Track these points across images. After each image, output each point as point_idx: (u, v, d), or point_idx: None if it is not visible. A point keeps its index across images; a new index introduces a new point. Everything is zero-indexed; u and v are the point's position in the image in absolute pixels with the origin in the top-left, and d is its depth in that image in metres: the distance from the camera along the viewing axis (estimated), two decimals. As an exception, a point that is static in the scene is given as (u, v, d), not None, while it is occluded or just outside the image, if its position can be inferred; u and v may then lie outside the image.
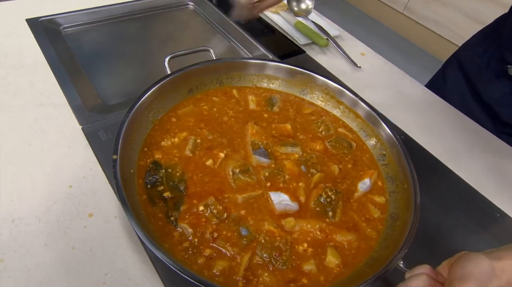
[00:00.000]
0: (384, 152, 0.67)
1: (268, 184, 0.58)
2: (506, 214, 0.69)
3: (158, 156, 0.59)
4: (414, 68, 2.50)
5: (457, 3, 2.52)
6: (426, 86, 1.01)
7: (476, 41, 0.94)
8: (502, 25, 0.90)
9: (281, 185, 0.58)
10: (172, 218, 0.51)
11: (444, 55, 2.74)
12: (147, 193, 0.54)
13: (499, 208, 0.70)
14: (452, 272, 0.40)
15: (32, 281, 0.47)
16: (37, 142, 0.63)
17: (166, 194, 0.54)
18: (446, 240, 0.63)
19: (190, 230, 0.50)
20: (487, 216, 0.69)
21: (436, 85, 1.02)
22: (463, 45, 1.00)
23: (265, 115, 0.70)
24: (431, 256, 0.56)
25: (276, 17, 1.09)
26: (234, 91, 0.73)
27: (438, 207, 0.67)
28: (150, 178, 0.55)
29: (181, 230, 0.51)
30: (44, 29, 0.86)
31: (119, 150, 0.52)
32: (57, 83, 0.73)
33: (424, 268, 0.44)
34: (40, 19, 0.88)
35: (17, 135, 0.64)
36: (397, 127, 0.81)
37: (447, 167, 0.76)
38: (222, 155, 0.60)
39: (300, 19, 1.06)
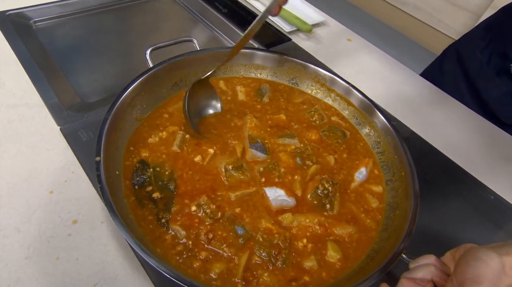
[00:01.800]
0: (378, 139, 0.65)
1: (263, 179, 0.55)
2: (499, 196, 0.69)
3: (145, 154, 0.55)
4: (398, 54, 2.50)
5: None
6: (421, 75, 0.98)
7: (479, 34, 0.89)
8: (507, 18, 0.84)
9: (276, 180, 0.56)
10: (163, 220, 0.48)
11: (424, 40, 2.75)
12: (135, 195, 0.50)
13: (492, 190, 0.70)
14: (462, 271, 0.36)
15: (14, 297, 0.44)
16: (12, 145, 0.59)
17: (156, 195, 0.51)
18: (443, 226, 0.62)
19: (183, 232, 0.47)
20: (481, 199, 0.68)
21: (433, 76, 0.98)
22: (464, 36, 0.95)
23: (258, 107, 0.67)
24: (430, 244, 0.55)
25: (258, 5, 1.04)
26: (221, 83, 0.70)
27: (433, 192, 0.66)
28: (138, 178, 0.52)
29: (173, 232, 0.48)
30: (13, 24, 0.80)
31: (102, 150, 0.48)
32: (31, 82, 0.69)
33: (430, 259, 0.42)
34: (7, 13, 0.82)
35: (-11, 139, 0.59)
36: (389, 113, 0.80)
37: (438, 151, 0.75)
38: (211, 151, 0.57)
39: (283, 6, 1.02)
